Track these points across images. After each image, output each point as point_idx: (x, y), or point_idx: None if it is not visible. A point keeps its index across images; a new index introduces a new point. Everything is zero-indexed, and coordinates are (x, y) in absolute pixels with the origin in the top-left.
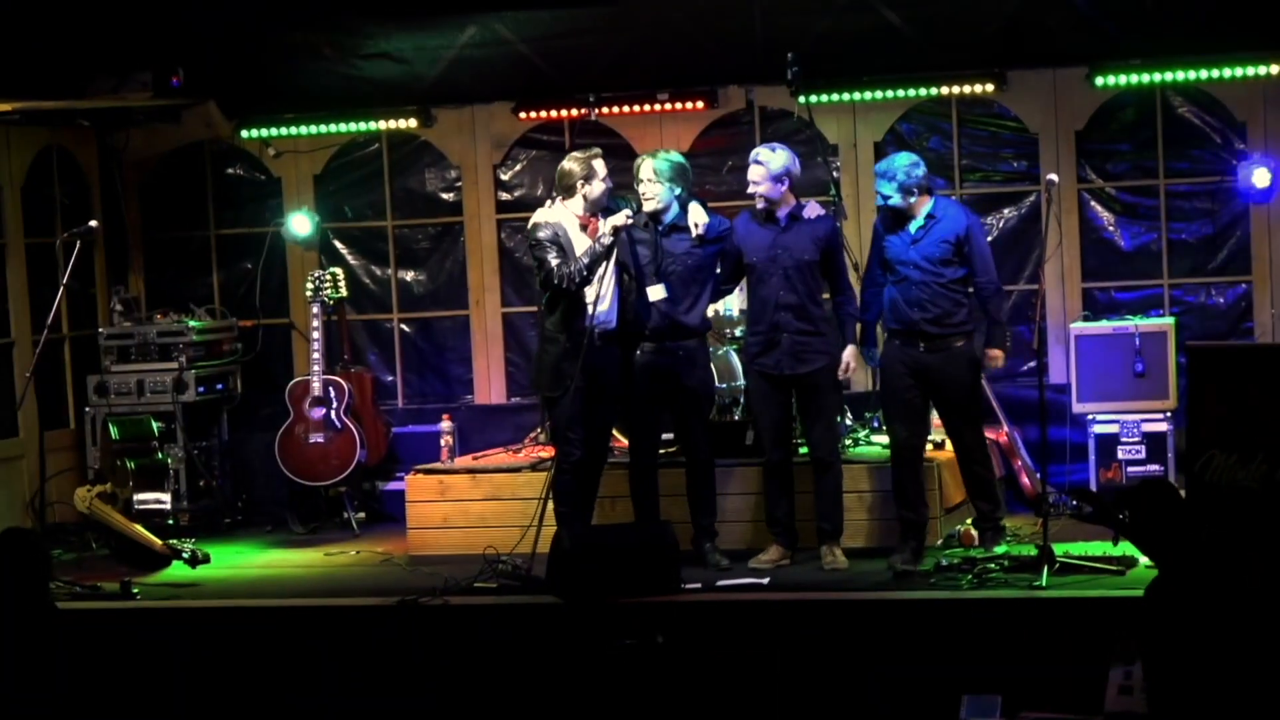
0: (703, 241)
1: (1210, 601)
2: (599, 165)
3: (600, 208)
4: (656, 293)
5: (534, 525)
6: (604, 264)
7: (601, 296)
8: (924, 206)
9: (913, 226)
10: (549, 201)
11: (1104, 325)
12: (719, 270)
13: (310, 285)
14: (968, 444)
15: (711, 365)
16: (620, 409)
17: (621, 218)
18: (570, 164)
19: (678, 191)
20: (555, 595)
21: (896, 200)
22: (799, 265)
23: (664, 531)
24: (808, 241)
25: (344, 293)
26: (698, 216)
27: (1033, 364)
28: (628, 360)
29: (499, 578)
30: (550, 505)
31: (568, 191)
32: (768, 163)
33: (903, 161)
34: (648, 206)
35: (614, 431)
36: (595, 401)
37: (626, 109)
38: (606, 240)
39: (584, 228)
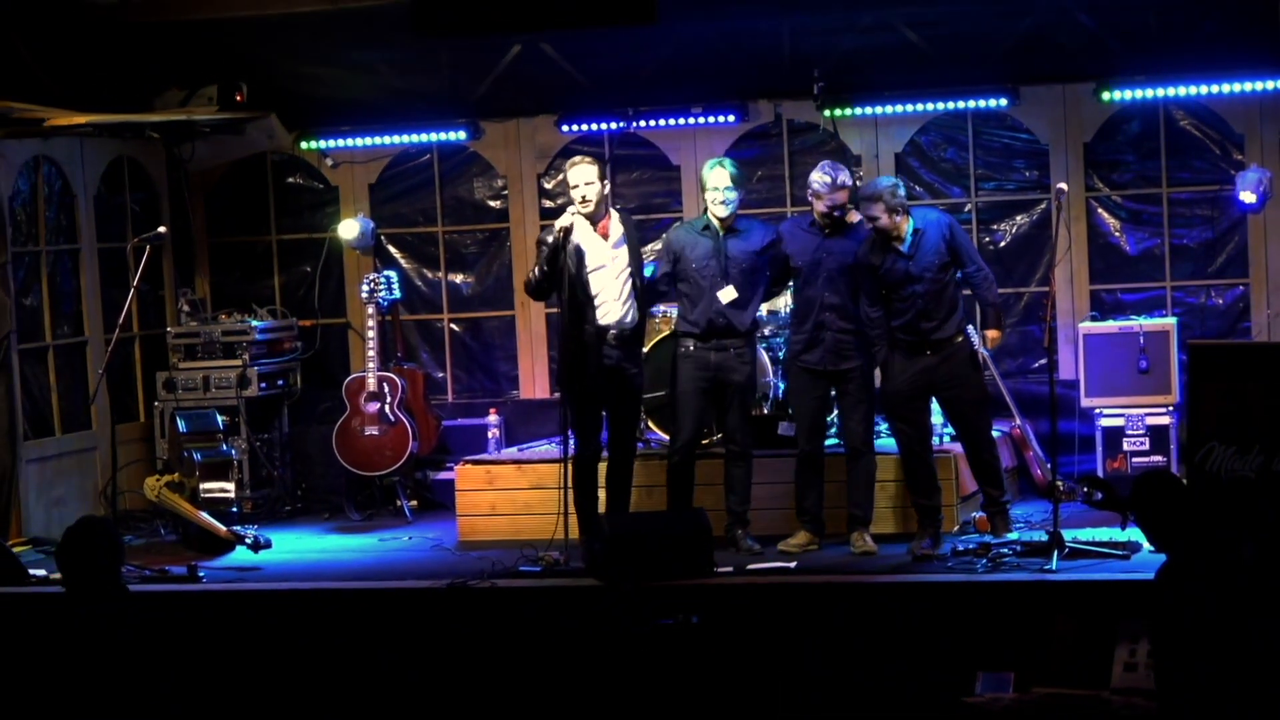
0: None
1: (1213, 584)
2: (572, 174)
3: (591, 210)
4: (727, 294)
5: (560, 514)
6: (560, 261)
7: (616, 298)
8: (907, 224)
9: (904, 246)
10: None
11: (1110, 325)
12: (768, 274)
13: (365, 287)
14: (975, 433)
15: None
16: (663, 403)
17: (567, 218)
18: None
19: (740, 196)
20: (596, 579)
21: (883, 221)
22: (843, 269)
23: (699, 518)
24: (851, 246)
25: (397, 294)
26: None
27: (1043, 361)
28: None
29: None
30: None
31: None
32: (837, 174)
33: (886, 183)
34: (724, 211)
35: (651, 424)
36: (598, 399)
37: (662, 122)
38: (549, 239)
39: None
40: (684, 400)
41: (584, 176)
